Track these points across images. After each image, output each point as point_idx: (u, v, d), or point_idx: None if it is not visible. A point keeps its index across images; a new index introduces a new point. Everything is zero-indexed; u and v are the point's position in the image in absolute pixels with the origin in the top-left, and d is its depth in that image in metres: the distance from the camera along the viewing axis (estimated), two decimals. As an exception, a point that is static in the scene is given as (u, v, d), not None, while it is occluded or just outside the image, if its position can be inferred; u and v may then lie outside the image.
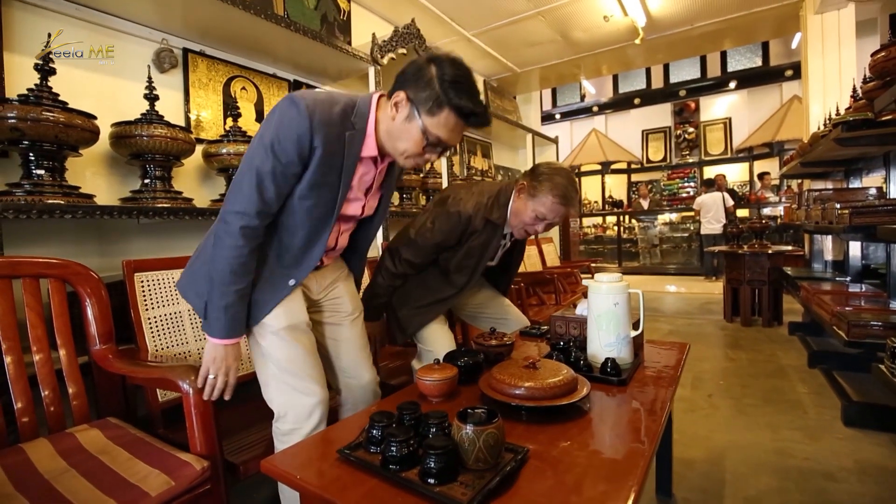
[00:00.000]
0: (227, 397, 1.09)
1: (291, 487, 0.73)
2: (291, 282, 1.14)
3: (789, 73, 7.94)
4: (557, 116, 10.25)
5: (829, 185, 3.38)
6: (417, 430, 0.81)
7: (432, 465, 0.69)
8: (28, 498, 0.89)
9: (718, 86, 8.72)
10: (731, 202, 6.70)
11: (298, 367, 1.12)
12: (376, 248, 2.37)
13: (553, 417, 0.93)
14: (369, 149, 1.09)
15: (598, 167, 9.56)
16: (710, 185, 7.04)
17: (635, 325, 1.27)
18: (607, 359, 1.15)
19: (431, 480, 0.69)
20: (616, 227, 8.70)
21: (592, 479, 0.71)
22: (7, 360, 1.14)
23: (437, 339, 1.60)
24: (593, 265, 4.57)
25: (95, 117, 1.51)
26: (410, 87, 1.02)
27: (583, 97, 10.10)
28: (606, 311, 1.20)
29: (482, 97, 1.09)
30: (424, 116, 1.02)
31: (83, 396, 1.25)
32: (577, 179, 1.54)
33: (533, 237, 4.45)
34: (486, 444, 0.71)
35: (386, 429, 0.79)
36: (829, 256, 3.39)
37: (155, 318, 1.48)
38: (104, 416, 1.28)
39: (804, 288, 2.57)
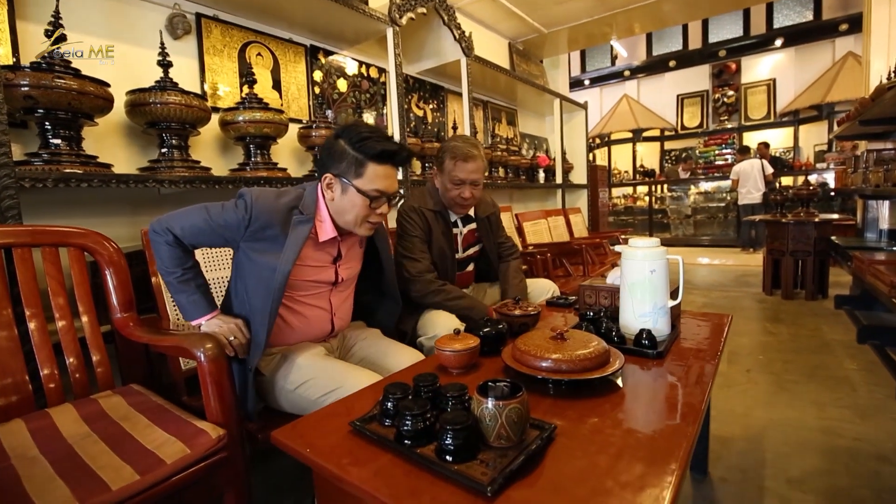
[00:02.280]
0: (240, 355, 1.18)
1: (301, 461, 0.70)
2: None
3: (844, 27, 7.28)
4: (586, 82, 9.79)
5: (889, 146, 3.09)
6: (435, 404, 0.76)
7: (449, 441, 0.64)
8: (50, 461, 0.89)
9: (763, 44, 8.09)
10: (770, 169, 6.29)
11: (323, 372, 1.13)
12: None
13: (582, 392, 0.86)
14: (326, 233, 1.20)
15: (630, 135, 9.15)
16: (746, 152, 6.63)
17: (673, 295, 1.17)
18: (642, 330, 1.06)
19: (448, 458, 0.64)
20: (647, 198, 8.37)
21: (628, 461, 0.64)
22: (31, 325, 1.15)
23: (435, 324, 1.53)
24: (623, 236, 4.40)
25: (108, 84, 1.48)
26: (332, 166, 1.15)
27: (614, 60, 9.58)
28: (642, 278, 1.10)
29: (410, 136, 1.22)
30: (355, 181, 1.13)
31: (107, 364, 1.26)
32: (477, 139, 1.67)
33: (560, 216, 4.31)
34: (508, 420, 0.65)
35: (401, 401, 0.74)
36: (884, 225, 3.12)
37: (175, 287, 1.47)
38: (128, 383, 1.29)
39: (857, 258, 2.38)
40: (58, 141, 1.42)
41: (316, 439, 0.73)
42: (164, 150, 1.69)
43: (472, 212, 1.77)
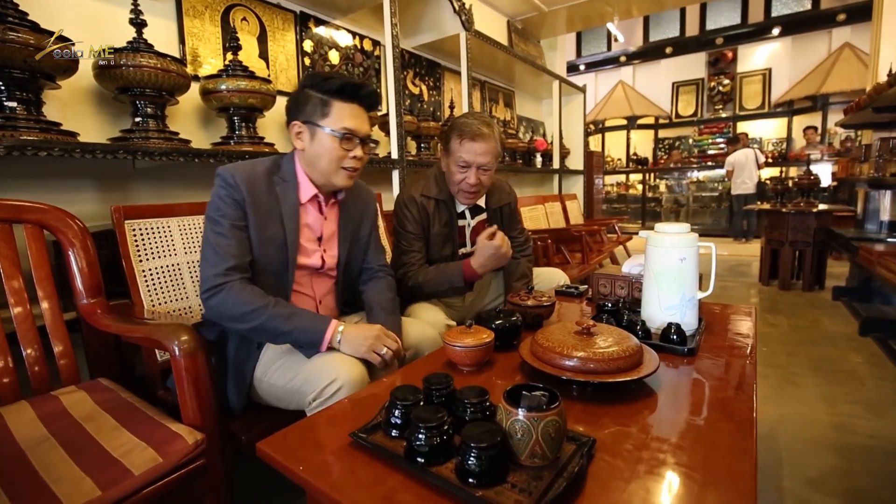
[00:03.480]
0: (394, 362, 1.04)
1: (293, 480, 0.58)
2: None
3: (842, 17, 7.21)
4: (582, 67, 9.62)
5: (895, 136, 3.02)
6: (449, 410, 0.65)
7: (474, 461, 0.53)
8: (-4, 471, 0.76)
9: (760, 32, 7.99)
10: (762, 158, 6.30)
11: (288, 355, 1.05)
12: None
13: (611, 397, 0.76)
14: (307, 192, 1.14)
15: (624, 122, 9.04)
16: (736, 141, 6.61)
17: (702, 285, 1.07)
18: (670, 324, 0.97)
19: (472, 480, 0.53)
20: (641, 186, 8.33)
21: (687, 485, 0.54)
22: (-21, 313, 1.01)
23: (422, 312, 1.41)
24: (619, 224, 4.32)
25: (73, 42, 1.31)
26: (298, 114, 1.10)
27: (610, 46, 9.41)
28: (670, 267, 1.00)
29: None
30: (321, 121, 1.08)
31: (71, 355, 1.13)
32: (493, 119, 1.51)
33: (559, 203, 4.21)
34: (544, 436, 0.54)
35: (411, 409, 0.63)
36: (885, 216, 3.08)
37: (150, 270, 1.34)
38: (96, 377, 1.16)
39: (864, 249, 2.32)
40: (13, 104, 1.26)
41: (310, 453, 0.62)
42: (137, 120, 1.53)
43: (482, 201, 1.58)
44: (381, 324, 1.12)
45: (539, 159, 4.15)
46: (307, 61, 2.31)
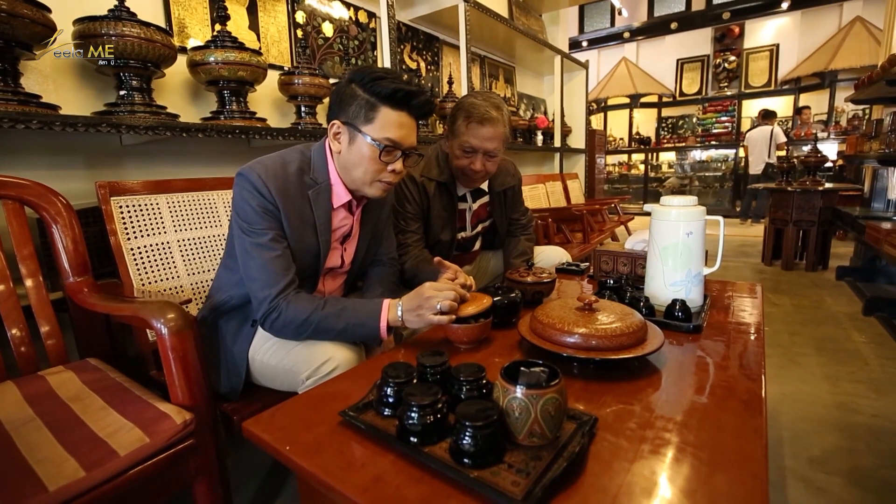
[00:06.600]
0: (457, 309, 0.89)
1: (280, 461, 0.55)
2: None
3: (854, -11, 6.99)
4: (584, 44, 9.40)
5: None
6: (444, 388, 0.62)
7: (468, 441, 0.50)
8: (-21, 452, 0.74)
9: (768, 6, 7.76)
10: (782, 138, 6.04)
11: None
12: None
13: (615, 374, 0.73)
14: (340, 197, 1.06)
15: (627, 100, 8.87)
16: (770, 116, 6.18)
17: (709, 261, 1.04)
18: (675, 300, 0.93)
19: (467, 461, 0.50)
20: (643, 166, 8.23)
21: (693, 465, 0.51)
22: (-40, 293, 0.98)
23: None
24: (621, 204, 4.27)
25: (48, 9, 1.25)
26: (341, 112, 1.01)
27: (613, 21, 9.18)
28: (676, 242, 0.96)
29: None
30: (364, 127, 0.98)
31: (59, 335, 1.10)
32: (503, 100, 1.40)
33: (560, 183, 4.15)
34: (544, 414, 0.51)
35: (404, 386, 0.60)
36: (893, 195, 3.02)
37: (139, 248, 1.30)
38: (86, 357, 1.13)
39: (871, 227, 2.28)
40: (-14, 74, 1.20)
41: (298, 433, 0.59)
42: (122, 93, 1.47)
43: (484, 184, 1.52)
44: (378, 297, 1.01)
45: (540, 137, 4.07)
46: (299, 34, 2.22)
